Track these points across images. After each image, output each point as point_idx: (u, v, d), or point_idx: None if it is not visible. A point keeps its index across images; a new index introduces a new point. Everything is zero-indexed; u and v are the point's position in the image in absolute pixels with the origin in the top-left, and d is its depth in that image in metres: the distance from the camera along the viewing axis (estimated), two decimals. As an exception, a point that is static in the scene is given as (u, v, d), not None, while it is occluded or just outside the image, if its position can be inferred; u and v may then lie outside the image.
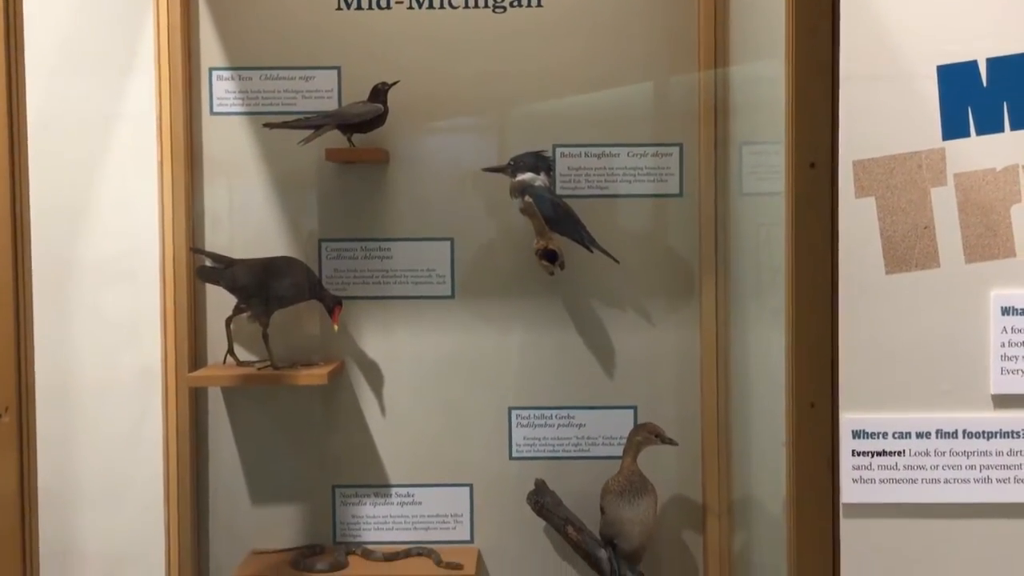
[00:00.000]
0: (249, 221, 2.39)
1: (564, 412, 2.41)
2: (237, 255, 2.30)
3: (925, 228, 2.34)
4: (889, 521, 2.29)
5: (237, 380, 2.21)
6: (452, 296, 2.41)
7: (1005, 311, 2.30)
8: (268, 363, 2.26)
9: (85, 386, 2.30)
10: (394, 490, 2.43)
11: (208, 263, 2.26)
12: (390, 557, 2.34)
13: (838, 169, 1.51)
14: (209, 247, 2.35)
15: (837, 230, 1.59)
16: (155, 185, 2.32)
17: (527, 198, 2.22)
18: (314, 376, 2.19)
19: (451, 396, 2.42)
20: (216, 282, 2.26)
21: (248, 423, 2.42)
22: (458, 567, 2.26)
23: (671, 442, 2.22)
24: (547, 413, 2.41)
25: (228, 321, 2.28)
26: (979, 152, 2.18)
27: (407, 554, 2.35)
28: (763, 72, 1.97)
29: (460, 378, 2.42)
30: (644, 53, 2.38)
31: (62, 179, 2.27)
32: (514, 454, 2.42)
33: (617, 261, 2.31)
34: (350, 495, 2.43)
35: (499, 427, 2.42)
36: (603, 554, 2.28)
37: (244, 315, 2.27)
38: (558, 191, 2.35)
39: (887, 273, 2.33)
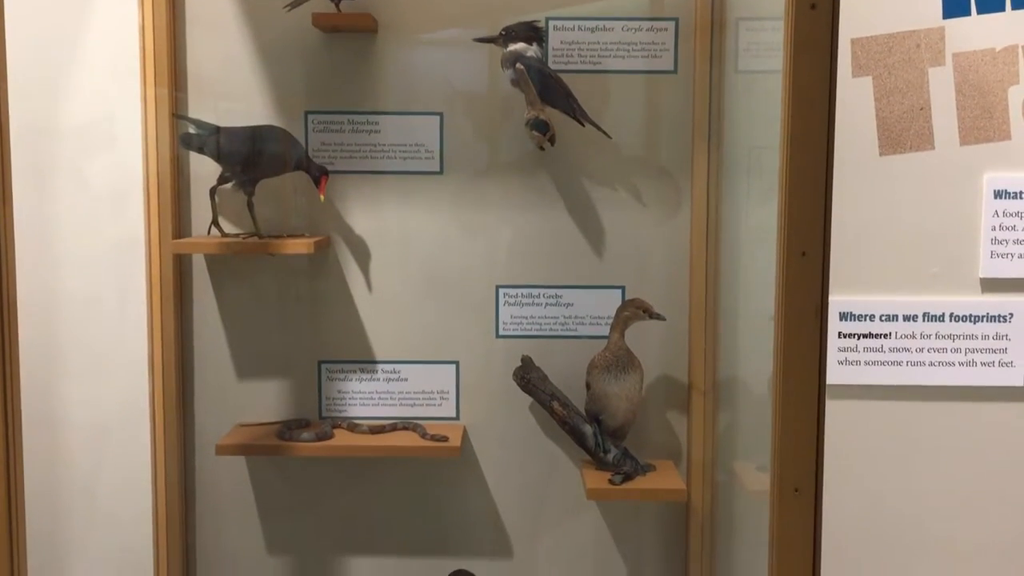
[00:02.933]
0: (234, 90, 2.33)
1: (552, 291, 2.40)
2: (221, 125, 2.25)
3: (921, 109, 2.31)
4: (873, 403, 2.31)
5: (222, 247, 2.19)
6: (441, 172, 2.37)
7: (998, 194, 2.29)
8: (253, 234, 2.23)
9: (67, 255, 2.27)
10: (380, 366, 2.42)
11: (192, 130, 2.21)
12: (376, 430, 2.35)
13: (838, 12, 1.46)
14: (192, 116, 2.29)
15: (834, 106, 1.55)
16: (137, 51, 2.26)
17: (519, 66, 2.17)
18: (300, 245, 2.16)
19: (438, 273, 2.40)
20: (200, 150, 2.21)
21: (233, 296, 2.40)
22: (443, 439, 2.27)
23: (659, 317, 2.22)
24: (534, 292, 2.40)
25: (212, 191, 2.24)
26: (979, 32, 2.14)
27: (393, 428, 2.36)
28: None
29: (448, 255, 2.40)
30: (642, -77, 2.32)
31: (40, 45, 2.21)
32: (501, 332, 2.41)
33: (609, 136, 2.28)
34: (336, 371, 2.43)
35: (486, 305, 2.41)
36: (588, 430, 2.29)
37: (228, 185, 2.23)
38: (550, 66, 2.30)
39: (880, 155, 2.31)
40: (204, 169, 2.28)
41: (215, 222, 2.26)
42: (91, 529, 2.35)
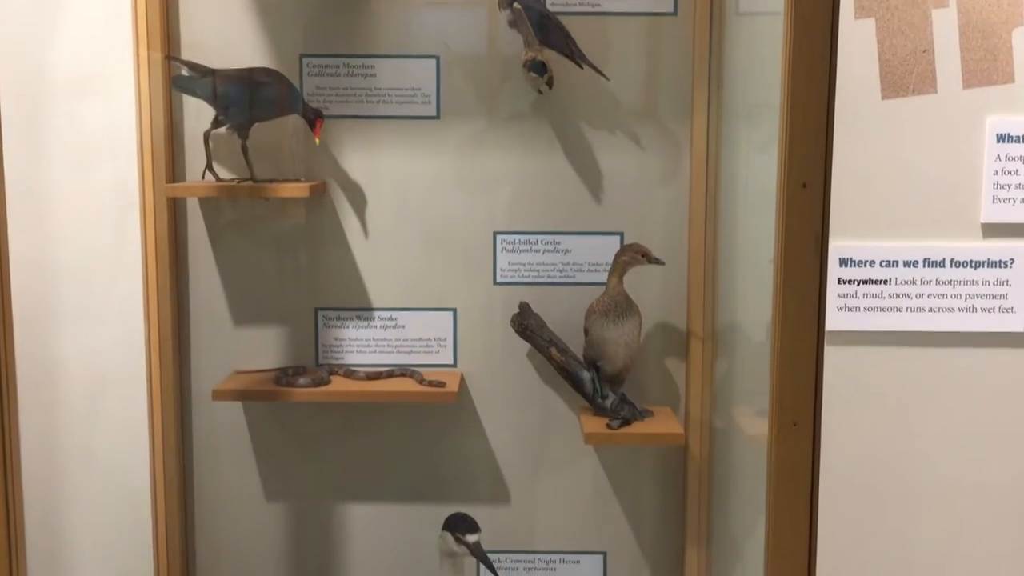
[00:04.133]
0: (228, 33, 2.29)
1: (550, 237, 2.38)
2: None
3: (924, 52, 2.28)
4: (872, 349, 2.31)
5: (216, 191, 2.16)
6: (437, 116, 2.34)
7: (1000, 138, 2.26)
8: (248, 179, 2.21)
9: (60, 201, 2.25)
10: (377, 313, 2.41)
11: (185, 72, 2.18)
12: (373, 376, 2.34)
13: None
14: (186, 59, 2.26)
15: (836, 48, 1.52)
16: (128, -8, 2.23)
17: (516, 6, 2.14)
18: (295, 189, 2.14)
19: (435, 220, 2.38)
20: (193, 92, 2.18)
21: (229, 243, 2.38)
22: (440, 385, 2.26)
23: (658, 261, 2.20)
24: (532, 238, 2.38)
25: (206, 135, 2.21)
26: (984, -30, 2.09)
27: (390, 374, 2.36)
28: None
29: (445, 201, 2.37)
30: None
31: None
32: (498, 279, 2.40)
33: (607, 78, 2.25)
34: (333, 318, 2.41)
35: (484, 252, 2.39)
36: (586, 376, 2.29)
37: (222, 130, 2.21)
38: (548, 7, 2.26)
39: (883, 98, 2.28)
40: (198, 111, 2.26)
41: (209, 167, 2.24)
42: (88, 477, 2.35)
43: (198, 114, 2.27)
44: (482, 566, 2.43)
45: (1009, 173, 2.26)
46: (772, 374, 1.44)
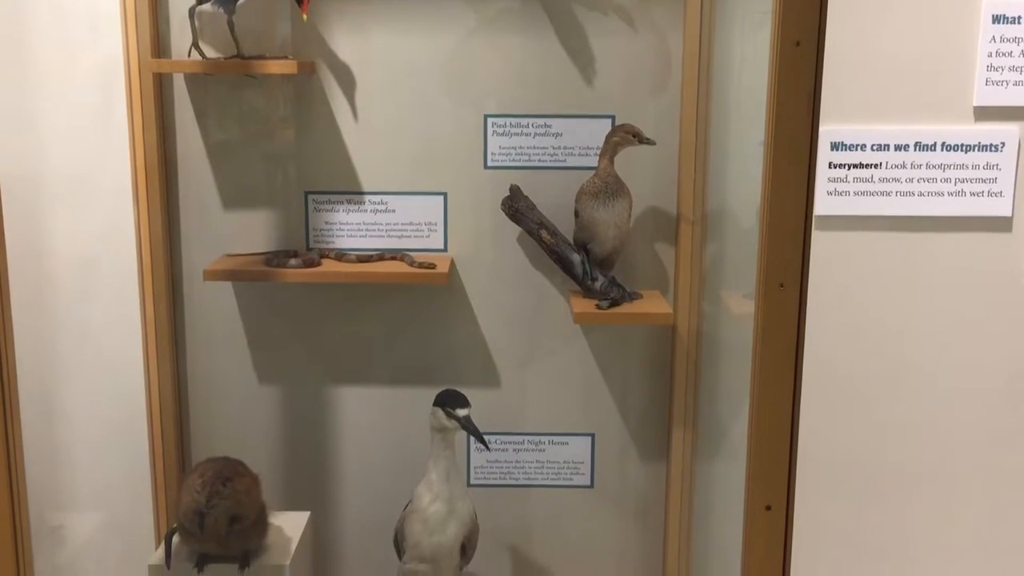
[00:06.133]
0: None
1: (541, 120, 2.36)
2: (199, -59, 2.17)
3: (921, -71, 2.24)
4: (861, 234, 2.31)
5: (203, 67, 2.13)
6: (428, -5, 2.31)
7: (996, 19, 2.23)
8: (235, 55, 2.18)
9: (45, 80, 2.21)
10: (367, 197, 2.40)
11: (168, -55, 2.14)
12: (363, 259, 2.34)
13: None
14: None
15: None
16: None
17: None
18: (283, 65, 2.12)
19: (426, 102, 2.35)
20: (177, -35, 2.14)
21: (216, 124, 2.35)
22: (431, 267, 2.27)
23: (649, 142, 2.20)
24: (523, 121, 2.36)
25: (192, 11, 2.17)
26: None
27: (380, 257, 2.36)
28: None
29: (435, 84, 2.35)
30: None
31: None
32: (489, 163, 2.39)
33: None
34: (323, 201, 2.41)
35: (474, 135, 2.37)
36: (576, 258, 2.30)
37: (207, 5, 2.16)
38: None
39: (877, -24, 2.25)
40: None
41: (195, 44, 2.20)
42: (81, 361, 2.36)
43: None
44: (473, 441, 2.49)
45: (1003, 55, 2.23)
46: (760, 252, 1.45)
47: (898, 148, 2.29)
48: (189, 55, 2.22)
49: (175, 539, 2.06)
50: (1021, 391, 2.34)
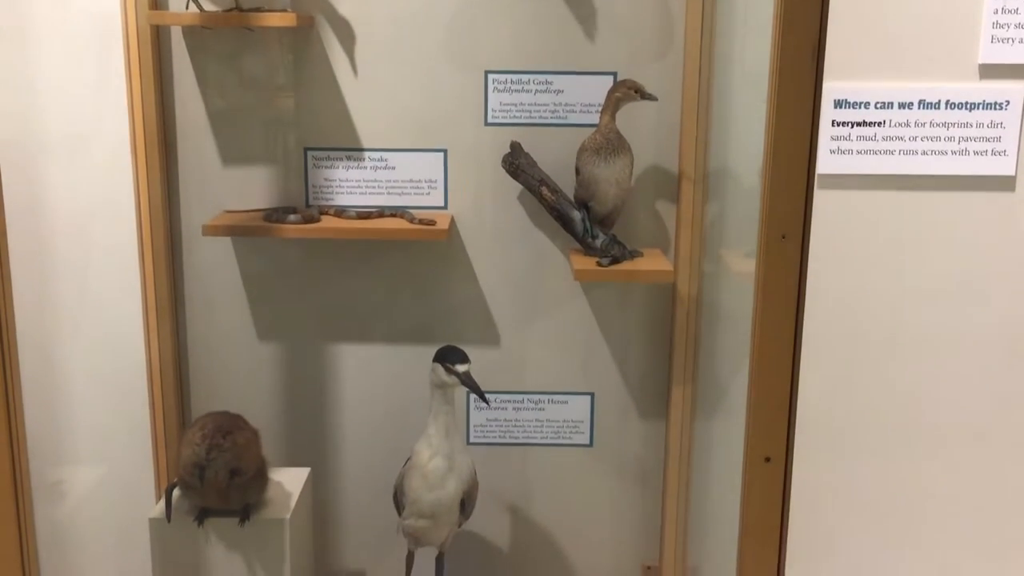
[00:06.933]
0: None
1: (542, 77, 2.34)
2: None
3: None
4: (863, 193, 2.31)
5: (201, 19, 2.11)
6: (429, -51, 2.29)
7: (1004, -25, 2.22)
8: (233, 7, 2.16)
9: (41, 33, 2.19)
10: (367, 154, 2.39)
11: None
12: (363, 216, 2.33)
13: None
14: None
15: None
16: None
17: None
18: (282, 18, 2.09)
19: (426, 58, 2.33)
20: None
21: (215, 79, 2.33)
22: (431, 223, 2.26)
23: (651, 97, 2.18)
24: (524, 78, 2.34)
25: (190, -37, 2.15)
26: None
27: (380, 214, 2.35)
28: None
29: (436, 40, 2.32)
30: None
31: None
32: (490, 120, 2.37)
33: None
34: (322, 158, 2.39)
35: (475, 92, 2.35)
36: (577, 215, 2.28)
37: (205, -42, 2.15)
38: None
39: (884, -70, 2.22)
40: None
41: (193, -3, 2.19)
42: (80, 317, 2.36)
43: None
44: (472, 399, 2.49)
45: (1009, 12, 2.21)
46: (763, 204, 1.44)
47: (902, 106, 2.28)
48: (187, 8, 2.20)
49: (175, 493, 2.07)
50: (1021, 349, 2.34)
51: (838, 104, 2.28)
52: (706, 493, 2.33)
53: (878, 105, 2.27)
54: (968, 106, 2.26)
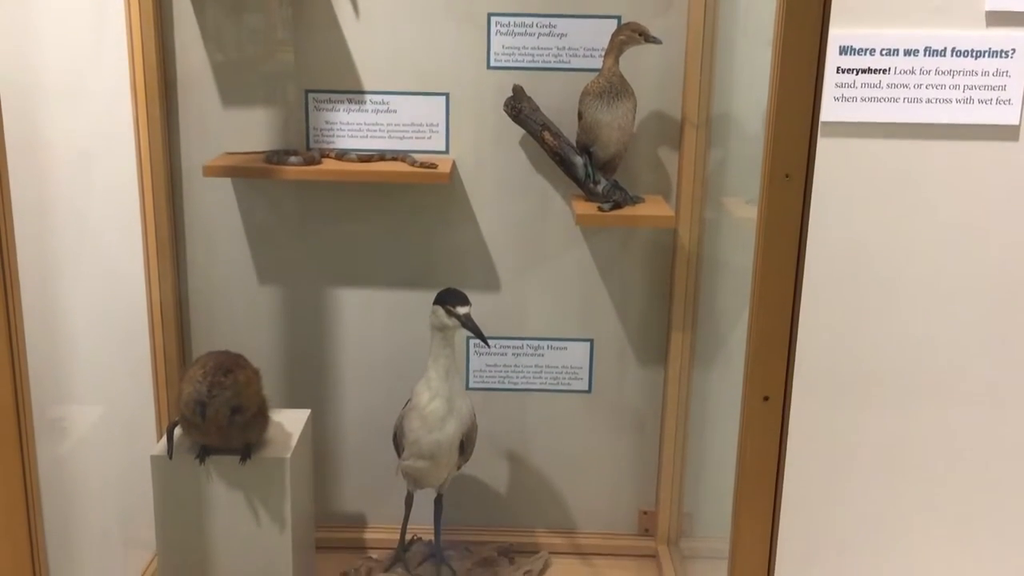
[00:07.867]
0: None
1: (545, 20, 2.32)
2: None
3: None
4: (867, 141, 2.29)
5: (202, -44, 2.09)
6: None
7: (1013, -80, 2.19)
8: (235, -54, 2.14)
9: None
10: (368, 97, 2.38)
11: None
12: (364, 159, 2.32)
13: None
14: None
15: None
16: None
17: None
18: (284, -44, 2.08)
19: (429, 0, 2.31)
20: None
21: (214, 21, 2.32)
22: (432, 166, 2.25)
23: (655, 40, 2.16)
24: (527, 21, 2.32)
25: (190, -101, 2.13)
26: None
27: (381, 157, 2.34)
28: None
29: (437, -21, 2.31)
30: None
31: None
32: (492, 63, 2.35)
33: None
34: (323, 100, 2.38)
35: (477, 34, 2.33)
36: (579, 160, 2.28)
37: None
38: None
39: None
40: None
41: (194, -66, 2.16)
42: (81, 256, 2.35)
43: None
44: (472, 344, 2.50)
45: (1019, -42, 2.19)
46: (766, 145, 1.43)
47: (907, 53, 2.26)
48: (186, -51, 2.18)
49: (177, 432, 2.08)
50: (1021, 296, 2.34)
51: (843, 50, 2.26)
52: (703, 439, 2.35)
53: (883, 52, 2.25)
54: (974, 54, 2.24)
